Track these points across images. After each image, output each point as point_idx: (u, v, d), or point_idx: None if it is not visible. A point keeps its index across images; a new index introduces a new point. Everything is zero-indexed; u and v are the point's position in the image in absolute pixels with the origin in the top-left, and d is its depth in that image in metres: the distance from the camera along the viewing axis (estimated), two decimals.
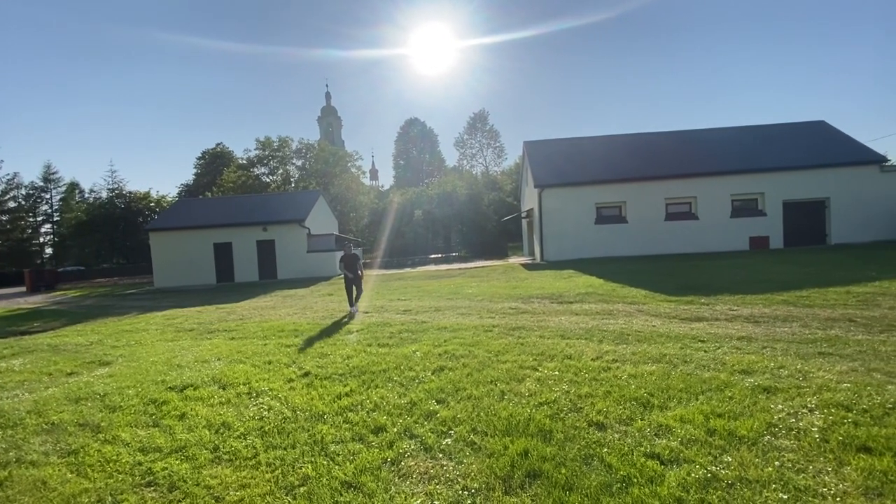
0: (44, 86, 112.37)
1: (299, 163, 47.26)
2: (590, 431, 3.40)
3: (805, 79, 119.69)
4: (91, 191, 55.69)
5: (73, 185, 57.00)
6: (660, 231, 20.97)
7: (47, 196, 54.80)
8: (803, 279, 10.02)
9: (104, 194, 52.88)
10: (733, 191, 20.86)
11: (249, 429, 3.90)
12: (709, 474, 2.72)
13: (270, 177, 46.40)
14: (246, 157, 46.81)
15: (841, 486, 2.54)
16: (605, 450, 3.10)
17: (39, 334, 10.52)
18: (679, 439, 3.17)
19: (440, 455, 3.23)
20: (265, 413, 4.24)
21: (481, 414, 3.84)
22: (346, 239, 29.59)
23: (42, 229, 55.26)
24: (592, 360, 5.15)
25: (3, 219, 49.66)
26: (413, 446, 3.38)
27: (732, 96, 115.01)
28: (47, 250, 55.93)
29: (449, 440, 3.43)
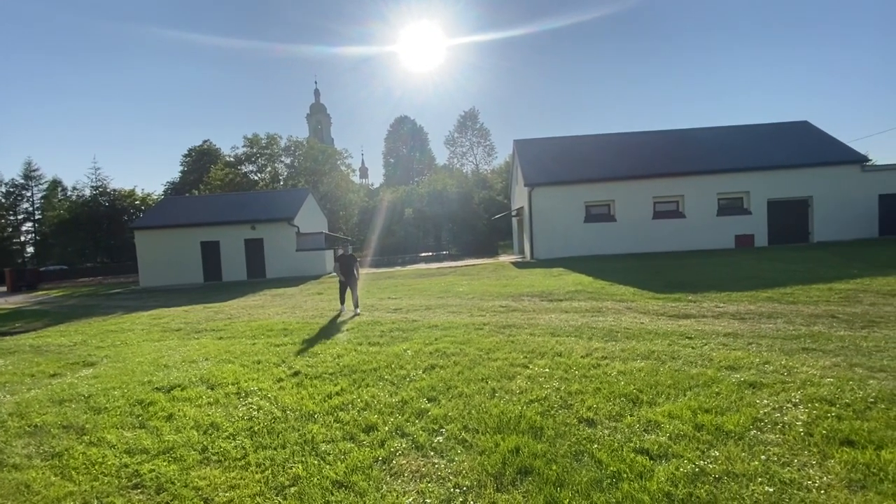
0: (24, 81, 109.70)
1: (288, 160, 46.87)
2: (580, 428, 3.43)
3: (789, 79, 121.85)
4: (74, 188, 54.53)
5: (56, 183, 55.78)
6: (648, 229, 21.20)
7: (28, 194, 53.58)
8: (787, 277, 10.21)
9: (87, 192, 51.83)
10: (719, 190, 21.17)
11: (238, 429, 3.86)
12: (697, 469, 2.76)
13: (258, 174, 45.96)
14: (233, 155, 46.30)
15: (825, 478, 2.59)
16: (596, 446, 3.13)
17: (21, 335, 10.29)
18: (668, 435, 3.21)
19: (432, 453, 3.23)
20: (254, 413, 4.20)
21: (472, 412, 3.85)
22: (338, 238, 29.46)
23: (23, 228, 54.04)
24: (582, 357, 5.19)
25: None
26: (404, 445, 3.38)
27: (720, 96, 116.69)
28: (29, 249, 54.71)
29: (440, 438, 3.44)
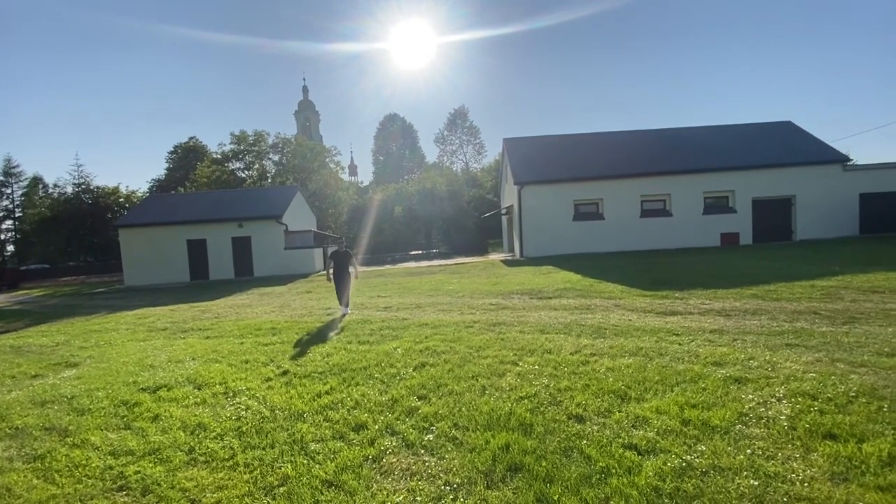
0: (1, 76, 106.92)
1: (276, 158, 46.33)
2: (569, 424, 3.45)
3: (774, 79, 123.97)
4: (55, 185, 53.22)
5: (37, 180, 54.42)
6: (635, 227, 21.42)
7: (8, 191, 52.16)
8: (771, 274, 10.40)
9: (69, 189, 50.64)
10: (705, 188, 21.47)
11: (226, 429, 3.82)
12: (684, 463, 2.80)
13: (246, 172, 45.36)
14: (220, 152, 45.63)
15: (808, 471, 2.65)
16: (585, 442, 3.15)
17: (1, 335, 10.04)
18: (655, 430, 3.24)
19: (422, 451, 3.23)
20: (242, 413, 4.15)
21: (463, 409, 3.85)
22: (328, 237, 29.24)
23: (3, 226, 52.63)
24: (571, 354, 5.23)
25: None
26: (394, 443, 3.37)
27: (708, 96, 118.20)
28: (9, 248, 53.33)
29: (431, 436, 3.44)
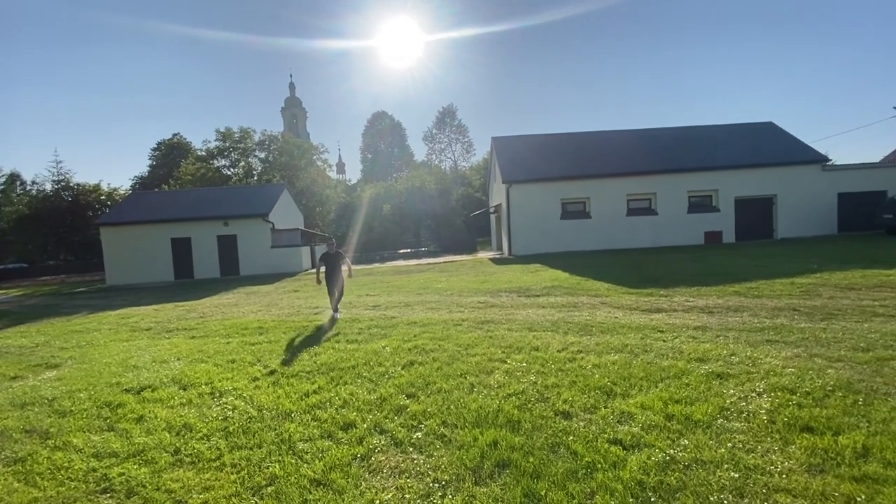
0: None
1: (262, 155, 45.69)
2: (556, 420, 3.50)
3: (757, 80, 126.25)
4: (34, 182, 51.72)
5: (14, 177, 52.89)
6: (622, 226, 21.68)
7: None
8: (753, 272, 10.62)
9: (48, 186, 49.26)
10: (690, 188, 21.81)
11: (213, 430, 3.79)
12: (667, 457, 2.86)
13: (232, 169, 44.67)
14: (205, 149, 44.83)
15: (787, 463, 2.73)
16: (571, 437, 3.20)
17: None
18: (640, 425, 3.31)
19: (410, 449, 3.24)
20: (229, 413, 4.12)
21: (451, 407, 3.87)
22: (315, 235, 29.00)
23: None
24: (558, 351, 5.29)
25: None
26: (383, 441, 3.38)
27: (694, 96, 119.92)
28: None
29: (419, 434, 3.45)
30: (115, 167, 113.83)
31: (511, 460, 2.95)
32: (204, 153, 44.59)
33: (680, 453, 2.90)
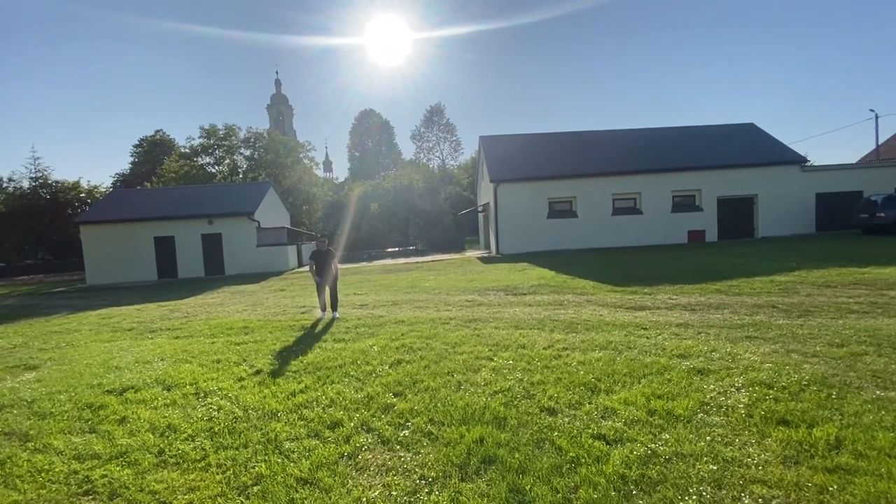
0: None
1: (248, 152, 45.05)
2: (542, 417, 3.55)
3: (737, 82, 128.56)
4: (10, 180, 50.19)
5: None
6: (607, 225, 21.95)
7: None
8: (734, 270, 10.85)
9: (26, 184, 47.98)
10: (674, 187, 22.17)
11: (198, 430, 3.75)
12: (649, 451, 2.92)
13: (216, 167, 43.96)
14: (189, 146, 44.03)
15: (763, 456, 2.81)
16: (556, 433, 3.25)
17: None
18: (623, 420, 3.37)
19: (398, 447, 3.26)
20: (214, 413, 4.08)
21: (438, 405, 3.90)
22: (302, 234, 28.73)
23: None
24: (544, 348, 5.35)
25: None
26: (370, 440, 3.39)
27: (681, 96, 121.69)
28: None
29: (406, 432, 3.47)
30: (95, 164, 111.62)
31: (497, 456, 2.99)
32: (188, 150, 43.79)
33: (661, 447, 2.97)
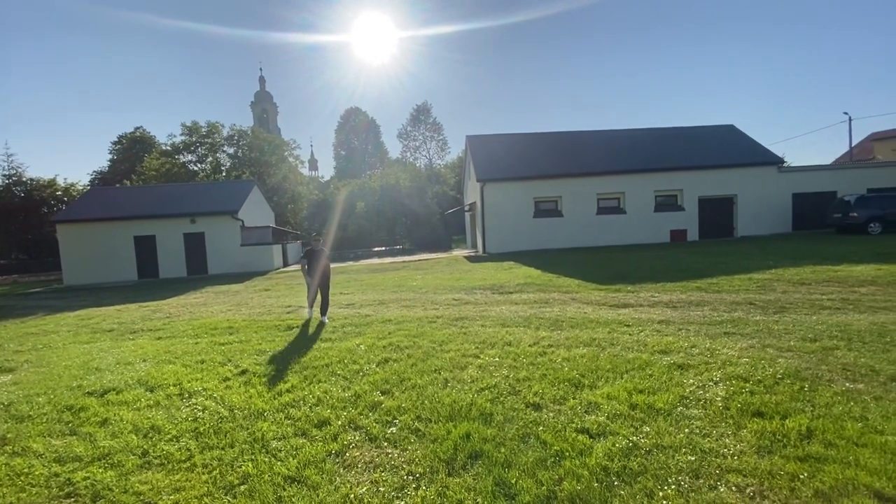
0: None
1: (231, 150, 44.34)
2: (527, 412, 3.61)
3: (717, 83, 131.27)
4: None
5: None
6: (592, 224, 22.23)
7: None
8: (714, 268, 11.12)
9: None
10: (656, 187, 22.55)
11: (182, 431, 3.73)
12: (631, 444, 3.01)
13: (199, 165, 43.18)
14: (170, 143, 43.19)
15: (738, 446, 2.92)
16: (541, 428, 3.32)
17: None
18: (606, 414, 3.46)
19: (385, 444, 3.29)
20: (199, 414, 4.05)
21: (425, 402, 3.94)
22: (287, 233, 28.44)
23: None
24: (530, 346, 5.43)
25: None
26: (358, 437, 3.41)
27: (668, 95, 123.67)
28: None
29: (394, 429, 3.50)
30: (71, 162, 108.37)
31: (483, 451, 3.04)
32: (169, 148, 42.93)
33: (642, 440, 3.05)
